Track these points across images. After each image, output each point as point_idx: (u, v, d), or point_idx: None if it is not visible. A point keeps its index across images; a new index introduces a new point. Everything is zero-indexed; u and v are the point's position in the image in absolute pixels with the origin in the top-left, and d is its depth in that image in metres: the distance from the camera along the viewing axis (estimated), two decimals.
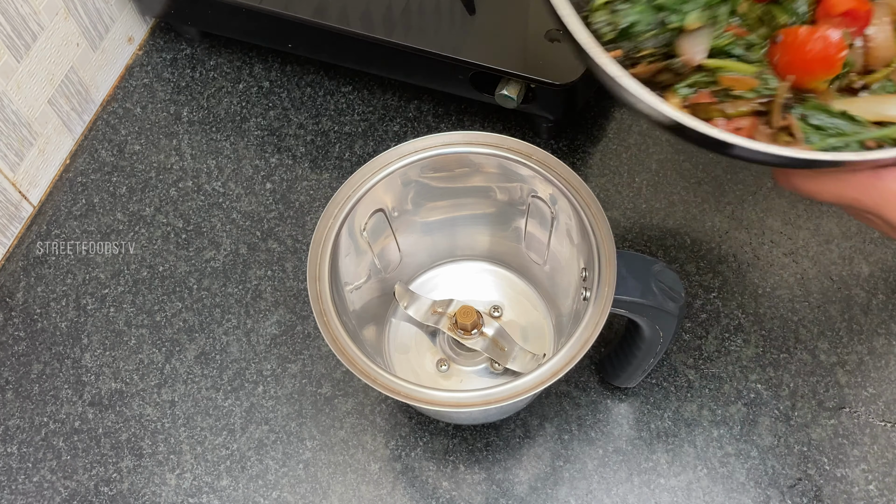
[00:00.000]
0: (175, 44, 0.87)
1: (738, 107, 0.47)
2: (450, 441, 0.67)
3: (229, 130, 0.82)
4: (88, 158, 0.81)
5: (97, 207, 0.78)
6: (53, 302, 0.74)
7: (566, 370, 0.50)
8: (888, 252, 0.73)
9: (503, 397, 0.50)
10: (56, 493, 0.67)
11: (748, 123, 0.47)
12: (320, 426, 0.68)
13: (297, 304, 0.73)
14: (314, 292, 0.54)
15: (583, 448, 0.67)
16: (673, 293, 0.55)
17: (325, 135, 0.81)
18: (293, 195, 0.78)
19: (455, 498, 0.65)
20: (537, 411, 0.68)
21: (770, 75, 0.47)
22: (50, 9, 0.73)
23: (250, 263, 0.75)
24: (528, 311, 0.69)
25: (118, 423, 0.69)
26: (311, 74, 0.84)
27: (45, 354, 0.72)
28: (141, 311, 0.73)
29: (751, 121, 0.48)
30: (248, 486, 0.66)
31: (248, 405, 0.69)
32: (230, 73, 0.85)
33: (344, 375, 0.70)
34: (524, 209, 0.63)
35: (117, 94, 0.84)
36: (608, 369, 0.67)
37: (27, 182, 0.77)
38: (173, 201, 0.78)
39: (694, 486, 0.65)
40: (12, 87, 0.72)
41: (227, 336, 0.72)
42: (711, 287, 0.72)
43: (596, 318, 0.52)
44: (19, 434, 0.69)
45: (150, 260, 0.76)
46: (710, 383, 0.69)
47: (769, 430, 0.67)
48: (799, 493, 0.65)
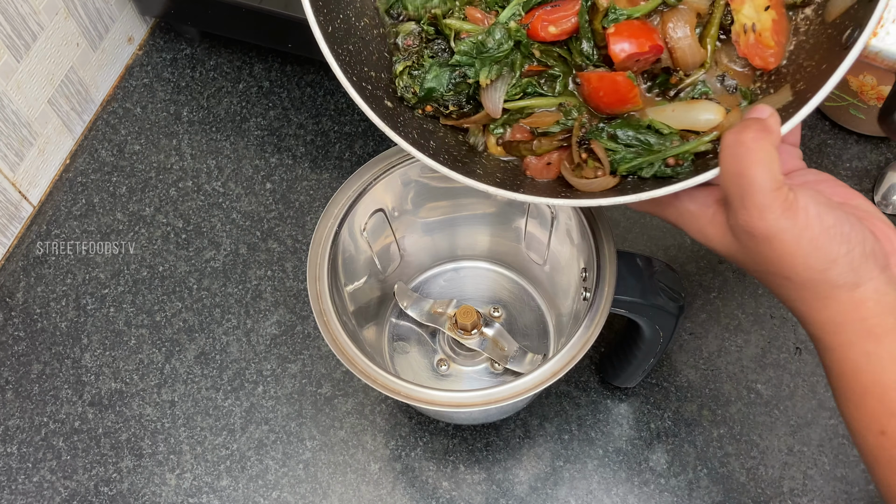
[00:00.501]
0: (175, 44, 0.87)
1: (543, 144, 0.48)
2: (450, 441, 0.67)
3: (229, 130, 0.82)
4: (88, 158, 0.81)
5: (97, 207, 0.78)
6: (53, 302, 0.74)
7: (566, 370, 0.50)
8: None
9: (503, 397, 0.50)
10: (56, 493, 0.67)
11: (556, 158, 0.48)
12: (320, 426, 0.68)
13: (297, 304, 0.73)
14: (314, 292, 0.54)
15: (583, 448, 0.67)
16: (673, 293, 0.55)
17: (325, 135, 0.81)
18: (293, 195, 0.78)
19: (455, 498, 0.65)
20: (537, 411, 0.68)
21: (573, 107, 0.48)
22: (50, 9, 0.73)
23: (250, 263, 0.75)
24: (528, 311, 0.68)
25: (118, 423, 0.69)
26: (311, 74, 0.84)
27: (45, 354, 0.72)
28: (141, 311, 0.73)
29: (558, 155, 0.48)
30: (248, 486, 0.66)
31: (248, 405, 0.69)
32: (230, 73, 0.85)
33: (344, 375, 0.70)
34: (524, 209, 0.63)
35: (117, 94, 0.84)
36: (608, 369, 0.67)
37: (27, 182, 0.77)
38: (173, 201, 0.78)
39: (694, 486, 0.65)
40: (12, 87, 0.72)
41: (227, 336, 0.72)
42: (711, 287, 0.72)
43: (596, 318, 0.52)
44: (19, 434, 0.69)
45: (150, 260, 0.76)
46: (710, 383, 0.69)
47: (769, 430, 0.67)
48: (799, 493, 0.65)
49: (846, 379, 0.43)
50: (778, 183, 0.40)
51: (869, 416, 0.43)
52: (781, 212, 0.40)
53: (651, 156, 0.46)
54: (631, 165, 0.46)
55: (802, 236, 0.40)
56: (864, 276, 0.41)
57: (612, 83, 0.47)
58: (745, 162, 0.40)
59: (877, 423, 0.42)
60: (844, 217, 0.41)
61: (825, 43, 0.43)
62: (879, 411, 0.42)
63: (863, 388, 0.42)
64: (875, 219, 0.44)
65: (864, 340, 0.42)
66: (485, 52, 0.47)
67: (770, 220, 0.40)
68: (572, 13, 0.47)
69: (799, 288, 0.43)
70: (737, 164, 0.40)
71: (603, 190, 0.46)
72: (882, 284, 0.41)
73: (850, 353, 0.42)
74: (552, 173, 0.49)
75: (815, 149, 0.78)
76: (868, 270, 0.41)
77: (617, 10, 0.46)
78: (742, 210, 0.41)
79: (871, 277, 0.41)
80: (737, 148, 0.40)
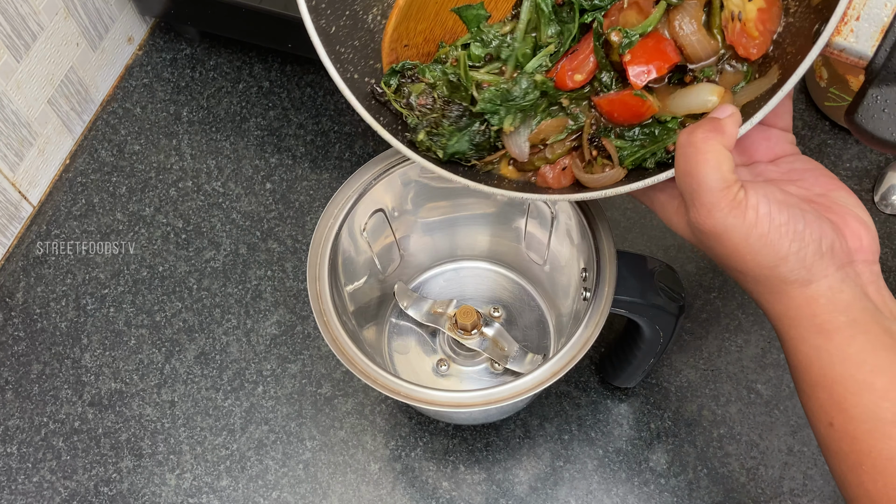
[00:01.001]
0: (175, 44, 0.87)
1: (556, 150, 0.49)
2: (450, 441, 0.67)
3: (229, 130, 0.82)
4: (88, 158, 0.81)
5: (97, 207, 0.78)
6: (53, 302, 0.74)
7: (566, 370, 0.50)
8: (888, 252, 0.73)
9: (503, 397, 0.50)
10: (56, 494, 0.67)
11: (569, 161, 0.49)
12: (320, 426, 0.68)
13: (297, 304, 0.73)
14: (314, 292, 0.54)
15: (583, 448, 0.67)
16: (673, 293, 0.55)
17: (325, 135, 0.81)
18: (293, 195, 0.78)
19: (455, 498, 0.65)
20: (537, 411, 0.68)
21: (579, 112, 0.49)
22: (50, 9, 0.73)
23: (250, 263, 0.75)
24: (528, 311, 0.68)
25: (118, 423, 0.69)
26: (311, 74, 0.84)
27: (45, 354, 0.72)
28: (141, 311, 0.73)
29: (570, 157, 0.49)
30: (248, 486, 0.66)
31: (248, 405, 0.69)
32: (230, 73, 0.85)
33: (344, 375, 0.70)
34: (524, 209, 0.63)
35: (117, 94, 0.84)
36: (608, 369, 0.67)
37: (27, 182, 0.77)
38: (173, 201, 0.78)
39: (694, 486, 0.65)
40: (12, 87, 0.72)
41: (227, 336, 0.72)
42: (711, 287, 0.72)
43: (596, 318, 0.52)
44: (19, 434, 0.69)
45: (150, 260, 0.76)
46: (710, 383, 0.69)
47: (769, 430, 0.67)
48: (799, 493, 0.65)
49: (800, 370, 0.44)
50: (726, 182, 0.41)
51: (819, 407, 0.44)
52: (729, 210, 0.41)
53: (654, 146, 0.47)
54: (636, 157, 0.47)
55: (751, 234, 0.41)
56: (816, 274, 0.42)
57: (624, 105, 0.47)
58: (692, 161, 0.41)
59: (826, 415, 0.43)
60: (800, 214, 0.42)
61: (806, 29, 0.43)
62: (828, 404, 0.43)
63: (813, 381, 0.44)
64: (848, 215, 0.44)
65: (814, 336, 0.43)
66: (510, 100, 0.48)
67: (717, 218, 0.41)
68: (590, 52, 0.47)
69: (752, 282, 0.44)
70: (686, 163, 0.41)
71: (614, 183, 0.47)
72: (836, 282, 0.42)
73: (801, 346, 0.44)
74: (569, 178, 0.49)
75: (815, 149, 0.78)
76: (822, 268, 0.42)
77: (629, 33, 0.46)
78: (692, 207, 0.42)
79: (825, 275, 0.42)
80: (686, 147, 0.42)
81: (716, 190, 0.41)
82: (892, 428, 0.41)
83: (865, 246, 0.43)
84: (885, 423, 0.41)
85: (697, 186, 0.41)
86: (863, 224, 0.44)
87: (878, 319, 0.42)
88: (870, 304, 0.43)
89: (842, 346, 0.42)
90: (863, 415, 0.42)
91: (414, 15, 0.49)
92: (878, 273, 0.44)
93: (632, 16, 0.46)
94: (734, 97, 0.46)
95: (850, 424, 0.42)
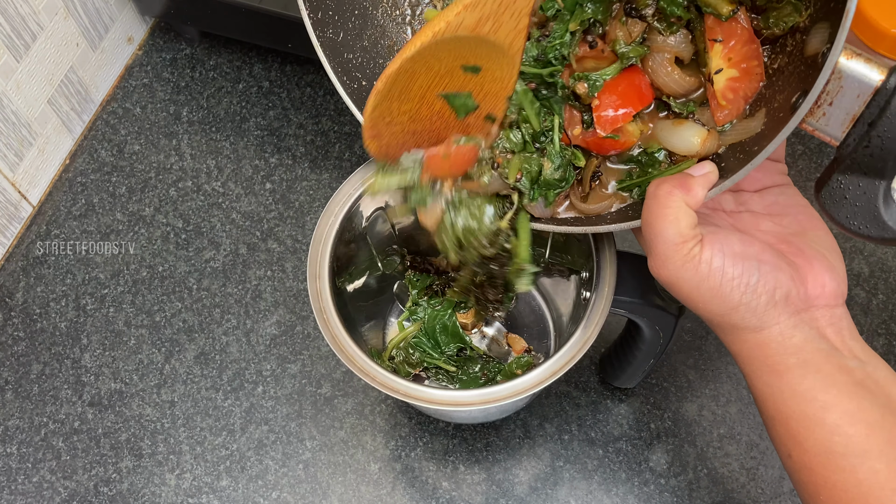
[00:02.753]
0: (175, 44, 0.87)
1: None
2: (450, 441, 0.67)
3: (229, 130, 0.82)
4: (88, 158, 0.81)
5: (97, 207, 0.78)
6: (53, 302, 0.74)
7: (565, 370, 0.50)
8: (888, 252, 0.73)
9: (503, 396, 0.50)
10: (56, 494, 0.66)
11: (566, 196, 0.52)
12: (320, 426, 0.68)
13: (296, 304, 0.73)
14: (314, 290, 0.54)
15: (583, 448, 0.67)
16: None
17: (325, 135, 0.81)
18: (293, 195, 0.78)
19: (455, 498, 0.65)
20: (537, 411, 0.68)
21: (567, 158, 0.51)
22: (49, 9, 0.73)
23: (250, 263, 0.75)
24: (528, 311, 0.68)
25: (118, 423, 0.69)
26: (311, 74, 0.84)
27: (45, 354, 0.72)
28: (140, 312, 0.73)
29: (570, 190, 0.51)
30: (248, 486, 0.66)
31: (248, 405, 0.69)
32: (230, 73, 0.85)
33: (344, 375, 0.70)
34: None
35: (117, 94, 0.84)
36: (608, 369, 0.67)
37: (27, 182, 0.77)
38: (173, 201, 0.78)
39: (694, 486, 0.65)
40: (12, 87, 0.72)
41: (227, 336, 0.72)
42: None
43: (596, 318, 0.52)
44: (19, 434, 0.69)
45: (150, 260, 0.76)
46: (710, 383, 0.69)
47: None
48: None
49: (758, 403, 0.47)
50: (682, 237, 0.43)
51: (778, 439, 0.46)
52: (681, 264, 0.43)
53: (642, 177, 0.49)
54: (626, 185, 0.49)
55: (701, 286, 0.43)
56: (768, 322, 0.44)
57: (600, 143, 0.49)
58: (653, 213, 0.43)
59: (784, 447, 0.46)
60: (754, 267, 0.43)
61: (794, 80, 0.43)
62: (785, 437, 0.45)
63: (770, 415, 0.46)
64: (816, 259, 0.45)
65: (767, 374, 0.45)
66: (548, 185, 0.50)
67: (671, 269, 0.44)
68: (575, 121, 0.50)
69: (709, 322, 0.46)
70: (648, 214, 0.44)
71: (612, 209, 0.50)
72: (787, 328, 0.44)
73: (756, 382, 0.46)
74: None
75: (814, 149, 0.78)
76: (773, 316, 0.44)
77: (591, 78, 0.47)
78: (649, 255, 0.45)
79: (777, 322, 0.44)
80: (651, 199, 0.44)
81: (671, 243, 0.43)
82: (843, 460, 0.43)
83: (828, 292, 0.45)
84: (837, 456, 0.43)
85: (654, 237, 0.44)
86: (829, 269, 0.45)
87: (832, 359, 0.44)
88: (825, 344, 0.44)
89: (792, 385, 0.44)
90: (815, 448, 0.44)
91: (396, 96, 0.47)
92: (841, 315, 0.45)
93: (589, 63, 0.47)
94: (721, 137, 0.46)
95: (805, 457, 0.44)
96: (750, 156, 0.42)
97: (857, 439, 0.42)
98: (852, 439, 0.42)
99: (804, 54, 0.42)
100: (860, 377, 0.43)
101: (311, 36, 0.48)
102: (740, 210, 0.49)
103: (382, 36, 0.51)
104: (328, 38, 0.49)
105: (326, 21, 0.49)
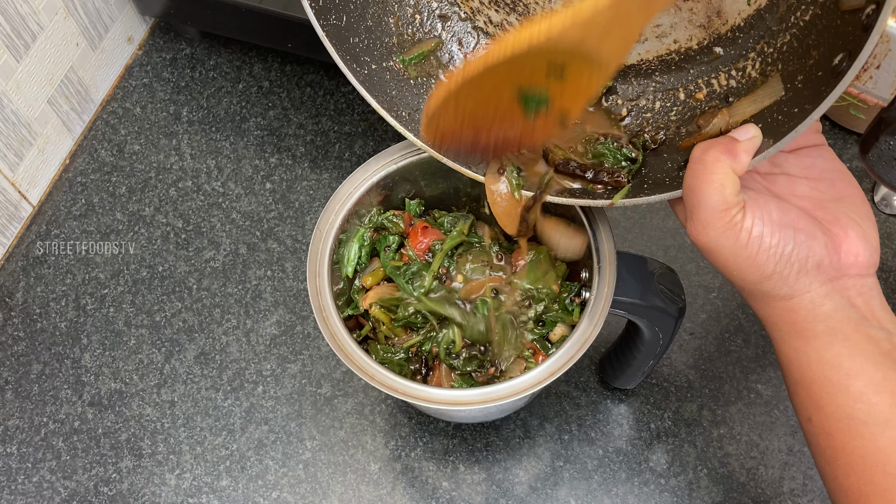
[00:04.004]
0: (175, 44, 0.87)
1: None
2: (450, 441, 0.67)
3: (229, 130, 0.82)
4: (88, 158, 0.81)
5: (97, 207, 0.78)
6: (53, 302, 0.74)
7: (565, 370, 0.50)
8: (888, 252, 0.73)
9: (502, 395, 0.50)
10: (56, 494, 0.66)
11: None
12: (320, 426, 0.68)
13: (296, 304, 0.73)
14: (314, 289, 0.54)
15: (583, 448, 0.67)
16: (672, 294, 0.55)
17: (325, 135, 0.81)
18: (293, 195, 0.78)
19: (455, 498, 0.65)
20: (537, 411, 0.68)
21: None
22: (49, 8, 0.73)
23: (250, 263, 0.75)
24: None
25: (118, 423, 0.69)
26: (311, 74, 0.84)
27: (45, 354, 0.72)
28: (140, 311, 0.73)
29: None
30: (248, 486, 0.66)
31: (248, 405, 0.69)
32: (230, 72, 0.85)
33: (344, 375, 0.70)
34: None
35: (117, 94, 0.84)
36: (608, 370, 0.66)
37: (27, 182, 0.77)
38: (173, 201, 0.78)
39: (694, 486, 0.65)
40: (12, 87, 0.72)
41: (227, 336, 0.72)
42: (711, 287, 0.72)
43: (595, 319, 0.52)
44: (19, 434, 0.69)
45: (150, 260, 0.76)
46: (710, 383, 0.69)
47: (769, 430, 0.67)
48: (799, 493, 0.64)
49: (783, 367, 0.47)
50: (727, 204, 0.43)
51: (799, 403, 0.46)
52: (723, 231, 0.43)
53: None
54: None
55: (739, 254, 0.43)
56: (798, 290, 0.44)
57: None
58: (698, 179, 0.43)
59: (805, 410, 0.46)
60: (790, 236, 0.43)
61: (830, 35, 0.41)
62: (807, 401, 0.46)
63: (794, 379, 0.46)
64: (851, 228, 0.45)
65: (794, 339, 0.45)
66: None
67: (711, 236, 0.43)
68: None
69: (740, 289, 0.47)
70: (692, 179, 0.43)
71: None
72: (818, 297, 0.44)
73: (783, 346, 0.46)
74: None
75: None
76: (804, 285, 0.44)
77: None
78: (690, 220, 0.44)
79: (807, 291, 0.44)
80: (696, 164, 0.43)
81: (715, 210, 0.43)
82: (864, 428, 0.43)
83: (861, 262, 0.45)
84: (858, 422, 0.43)
85: (698, 203, 0.43)
86: (863, 238, 0.45)
87: (861, 328, 0.44)
88: (854, 313, 0.44)
89: (819, 350, 0.44)
90: (837, 413, 0.44)
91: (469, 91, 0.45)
92: (871, 285, 0.45)
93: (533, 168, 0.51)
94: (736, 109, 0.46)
95: (825, 422, 0.45)
96: (791, 119, 0.41)
97: (880, 408, 0.42)
98: (876, 407, 0.42)
99: (839, 7, 0.41)
100: (887, 348, 0.43)
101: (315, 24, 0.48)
102: (775, 172, 0.48)
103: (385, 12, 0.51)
104: (332, 25, 0.48)
105: (328, 7, 0.48)
